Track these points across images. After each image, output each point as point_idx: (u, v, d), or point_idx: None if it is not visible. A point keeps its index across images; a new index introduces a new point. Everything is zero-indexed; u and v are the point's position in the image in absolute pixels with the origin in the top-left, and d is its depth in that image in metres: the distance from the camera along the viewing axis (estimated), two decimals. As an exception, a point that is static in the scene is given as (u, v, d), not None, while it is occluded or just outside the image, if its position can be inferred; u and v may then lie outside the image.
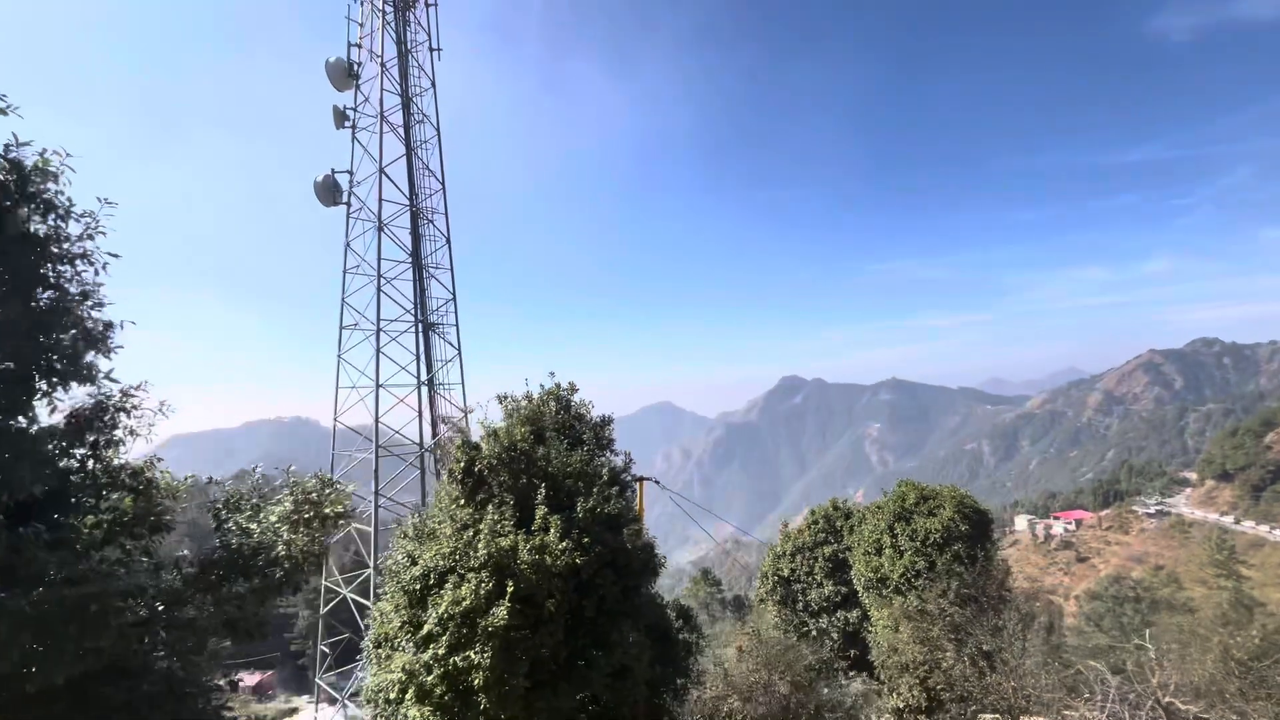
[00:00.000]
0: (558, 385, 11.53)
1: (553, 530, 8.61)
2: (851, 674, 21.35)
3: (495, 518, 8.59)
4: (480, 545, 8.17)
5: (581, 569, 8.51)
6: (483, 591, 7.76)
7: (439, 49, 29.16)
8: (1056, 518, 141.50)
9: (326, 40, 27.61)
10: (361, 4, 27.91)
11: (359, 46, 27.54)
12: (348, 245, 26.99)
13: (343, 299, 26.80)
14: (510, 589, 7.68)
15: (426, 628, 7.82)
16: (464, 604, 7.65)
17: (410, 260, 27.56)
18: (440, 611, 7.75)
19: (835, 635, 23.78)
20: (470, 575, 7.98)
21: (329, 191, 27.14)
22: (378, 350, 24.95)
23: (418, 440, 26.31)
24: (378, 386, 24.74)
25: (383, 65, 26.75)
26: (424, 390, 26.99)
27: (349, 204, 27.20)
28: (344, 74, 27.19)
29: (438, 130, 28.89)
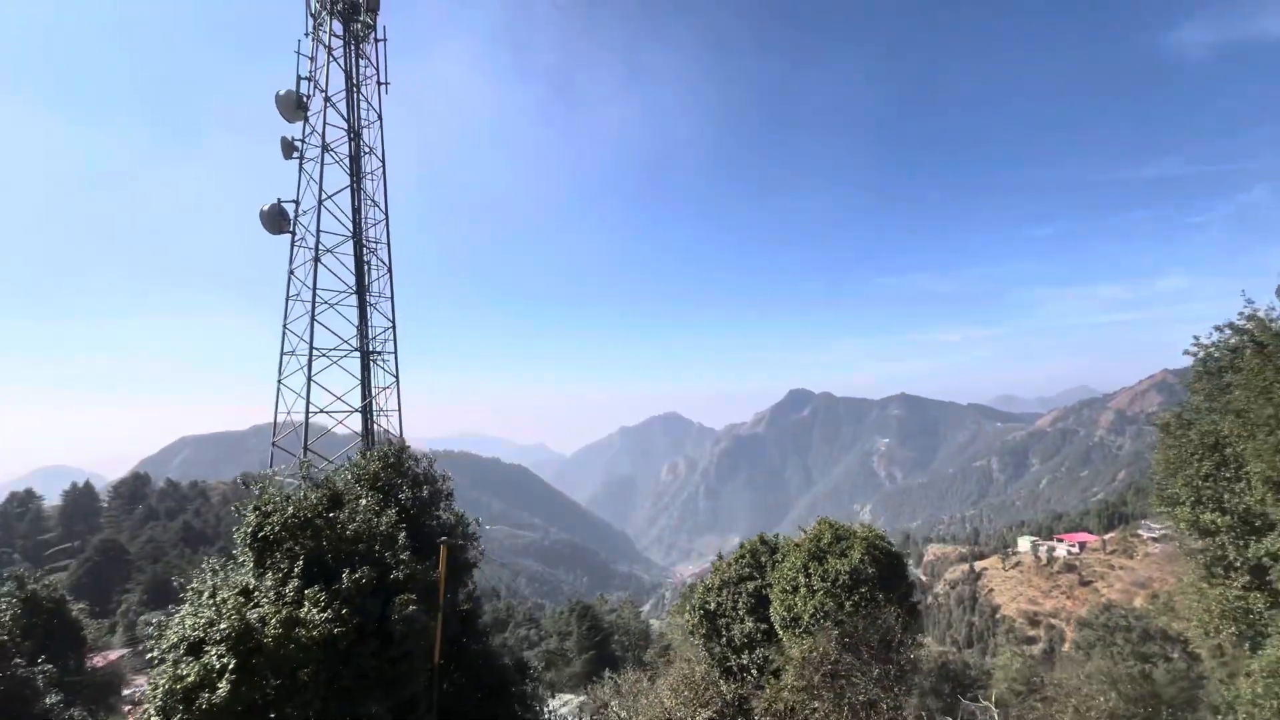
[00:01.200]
0: (389, 442, 11.70)
1: (307, 603, 8.70)
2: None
3: (271, 583, 8.76)
4: (224, 618, 8.29)
5: (339, 640, 8.65)
6: (217, 665, 7.88)
7: (387, 83, 29.94)
8: (1060, 540, 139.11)
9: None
10: (314, 40, 28.75)
11: (310, 80, 28.34)
12: (291, 272, 27.59)
13: (284, 325, 27.30)
14: (233, 664, 7.74)
15: (158, 700, 7.96)
16: (186, 680, 7.75)
17: (351, 289, 28.10)
18: (163, 686, 7.90)
19: (755, 672, 23.60)
20: (211, 648, 8.10)
21: (274, 220, 27.82)
22: (309, 379, 25.40)
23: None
24: (308, 415, 25.15)
25: (326, 98, 27.51)
26: (361, 417, 27.39)
27: (294, 232, 27.85)
28: (293, 106, 27.96)
29: (383, 162, 29.61)
